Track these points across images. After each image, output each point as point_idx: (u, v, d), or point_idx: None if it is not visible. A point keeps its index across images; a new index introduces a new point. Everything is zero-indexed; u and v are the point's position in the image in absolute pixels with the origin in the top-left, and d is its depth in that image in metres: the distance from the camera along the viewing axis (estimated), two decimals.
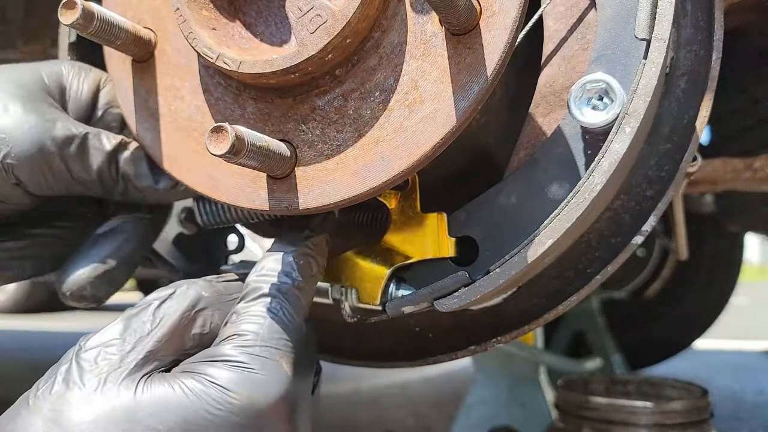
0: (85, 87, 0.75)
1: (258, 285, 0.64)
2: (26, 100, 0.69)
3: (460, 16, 0.56)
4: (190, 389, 0.55)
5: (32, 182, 0.68)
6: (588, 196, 0.61)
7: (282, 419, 0.58)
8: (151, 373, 0.57)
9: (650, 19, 0.62)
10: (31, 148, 0.66)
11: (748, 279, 8.73)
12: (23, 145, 0.66)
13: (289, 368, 0.60)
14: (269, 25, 0.64)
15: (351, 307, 0.76)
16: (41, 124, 0.68)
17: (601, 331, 2.57)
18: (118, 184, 0.73)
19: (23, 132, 0.66)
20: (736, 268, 2.89)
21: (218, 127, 0.55)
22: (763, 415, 2.62)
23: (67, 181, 0.70)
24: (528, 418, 1.82)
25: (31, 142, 0.66)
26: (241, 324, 0.61)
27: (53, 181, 0.69)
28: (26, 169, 0.67)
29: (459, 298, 0.66)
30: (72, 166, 0.69)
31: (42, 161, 0.67)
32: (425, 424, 2.44)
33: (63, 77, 0.75)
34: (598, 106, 0.62)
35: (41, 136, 0.67)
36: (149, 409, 0.53)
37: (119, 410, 0.53)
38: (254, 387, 0.56)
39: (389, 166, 0.61)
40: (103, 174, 0.71)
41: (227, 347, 0.59)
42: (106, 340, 0.58)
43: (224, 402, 0.55)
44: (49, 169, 0.68)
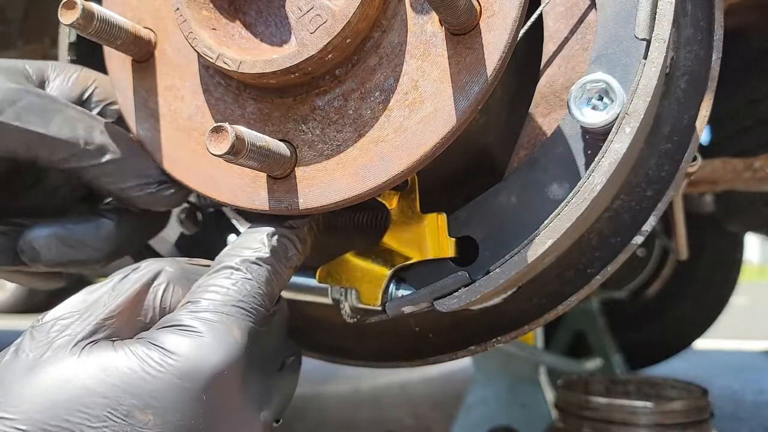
0: (70, 82, 0.73)
1: (223, 258, 0.64)
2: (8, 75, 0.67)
3: (460, 16, 0.56)
4: (133, 352, 0.54)
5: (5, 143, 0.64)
6: (588, 196, 0.61)
7: (228, 386, 0.57)
8: (99, 340, 0.56)
9: (650, 19, 0.62)
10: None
11: (748, 279, 8.73)
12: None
13: (240, 336, 0.58)
14: (269, 25, 0.64)
15: (351, 307, 0.76)
16: (11, 80, 0.66)
17: (601, 331, 2.57)
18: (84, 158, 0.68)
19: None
20: (736, 268, 2.89)
21: (218, 127, 0.55)
22: (763, 415, 2.62)
23: (18, 140, 0.65)
24: (528, 418, 1.82)
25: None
26: (199, 293, 0.60)
27: (17, 135, 0.65)
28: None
29: (459, 298, 0.66)
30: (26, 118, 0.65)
31: (7, 108, 0.64)
32: (425, 424, 2.44)
33: (46, 71, 0.72)
34: (598, 106, 0.62)
35: (7, 87, 0.64)
36: (89, 372, 0.53)
37: (60, 374, 0.52)
38: (198, 350, 0.55)
39: (389, 166, 0.61)
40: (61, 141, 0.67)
41: (179, 314, 0.58)
42: (61, 313, 0.57)
43: (165, 364, 0.54)
44: (16, 117, 0.64)
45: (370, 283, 0.71)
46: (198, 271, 0.65)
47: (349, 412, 2.63)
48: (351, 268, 0.73)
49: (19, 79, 0.68)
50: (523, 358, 1.89)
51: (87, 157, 0.69)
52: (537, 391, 1.87)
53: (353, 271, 0.73)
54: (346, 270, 0.73)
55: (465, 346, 0.82)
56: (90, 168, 0.69)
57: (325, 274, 0.74)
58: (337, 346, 0.94)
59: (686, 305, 2.87)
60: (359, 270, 0.72)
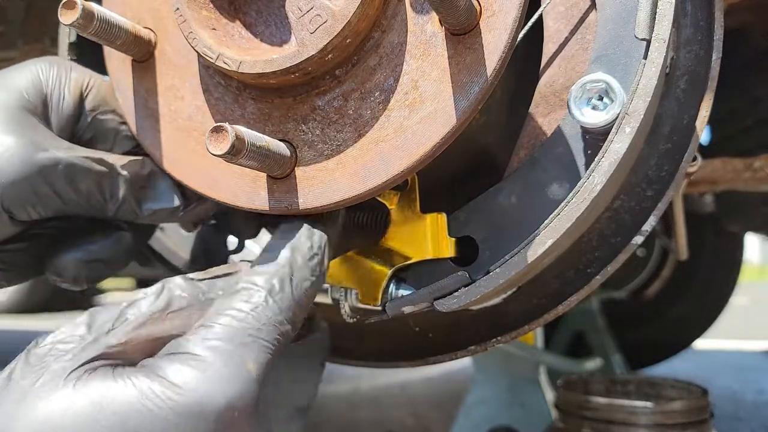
0: (67, 94, 0.71)
1: (243, 275, 0.59)
2: (5, 123, 0.64)
3: (460, 16, 0.56)
4: (133, 383, 0.50)
5: (19, 210, 0.64)
6: (588, 196, 0.61)
7: (238, 426, 0.51)
8: (99, 367, 0.51)
9: (650, 19, 0.62)
10: (15, 176, 0.62)
11: (748, 279, 8.73)
12: (6, 174, 0.62)
13: (255, 369, 0.53)
14: (269, 25, 0.64)
15: (351, 307, 0.76)
16: (24, 149, 0.63)
17: (601, 331, 2.57)
18: (111, 205, 0.69)
19: (5, 160, 0.62)
20: (736, 268, 2.88)
21: (218, 127, 0.55)
22: (763, 415, 2.62)
23: (56, 205, 0.66)
24: (528, 418, 1.82)
25: (13, 169, 0.62)
26: (214, 317, 0.55)
27: (41, 207, 0.65)
28: (11, 197, 0.62)
29: (459, 298, 0.66)
30: (60, 190, 0.65)
31: (26, 189, 0.63)
32: (425, 424, 2.44)
33: (43, 86, 0.70)
34: (598, 106, 0.62)
35: (24, 161, 0.62)
36: (85, 403, 0.48)
37: (53, 405, 0.48)
38: (205, 384, 0.50)
39: (389, 166, 0.61)
40: (92, 196, 0.67)
41: (189, 340, 0.53)
42: (62, 338, 0.53)
43: (168, 398, 0.49)
44: (36, 195, 0.64)
45: (370, 283, 0.72)
46: (214, 287, 0.61)
47: (349, 412, 2.62)
48: (351, 268, 0.73)
49: (32, 130, 0.66)
50: (523, 358, 1.89)
51: (113, 210, 0.69)
52: (537, 391, 1.86)
53: (353, 270, 0.73)
54: (346, 270, 0.73)
55: (465, 346, 0.82)
56: (116, 216, 0.70)
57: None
58: (337, 346, 0.94)
59: (686, 305, 2.87)
60: (359, 270, 0.72)
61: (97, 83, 0.74)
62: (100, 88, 0.74)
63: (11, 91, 0.67)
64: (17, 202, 0.63)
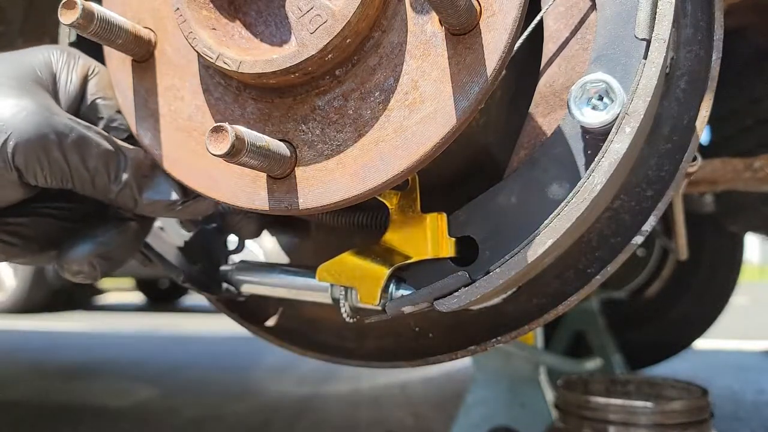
0: (74, 77, 0.74)
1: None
2: (21, 89, 0.68)
3: (460, 16, 0.56)
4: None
5: (29, 170, 0.66)
6: (588, 196, 0.61)
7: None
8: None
9: (650, 19, 0.62)
10: (30, 134, 0.65)
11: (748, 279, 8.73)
12: (23, 132, 0.65)
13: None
14: (269, 25, 0.64)
15: (351, 307, 0.76)
16: (40, 110, 0.66)
17: (601, 331, 2.57)
18: (114, 186, 0.71)
19: (22, 118, 0.65)
20: (736, 268, 2.88)
21: (218, 127, 0.55)
22: (763, 415, 2.62)
23: (63, 173, 0.68)
24: (528, 418, 1.81)
25: (29, 128, 0.65)
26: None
27: (49, 171, 0.67)
28: (24, 155, 0.65)
29: (459, 298, 0.66)
30: (70, 157, 0.68)
31: (41, 148, 0.66)
32: (425, 424, 2.44)
33: (53, 66, 0.74)
34: (598, 106, 0.62)
35: (40, 122, 0.66)
36: None
37: None
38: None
39: (389, 166, 0.61)
40: (99, 173, 0.70)
41: None
42: None
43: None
44: (47, 158, 0.66)
45: (370, 283, 0.71)
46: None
47: (349, 412, 2.63)
48: (350, 268, 0.73)
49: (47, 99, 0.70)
50: (523, 358, 1.89)
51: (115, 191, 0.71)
52: (537, 391, 1.86)
53: (353, 270, 0.73)
54: (346, 269, 0.73)
55: (465, 346, 0.82)
56: (117, 199, 0.72)
57: (325, 274, 0.74)
58: (337, 346, 0.94)
59: (686, 305, 2.87)
60: (359, 269, 0.72)
61: (101, 70, 0.77)
62: (104, 75, 0.77)
63: (25, 66, 0.71)
64: (29, 161, 0.66)
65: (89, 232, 0.74)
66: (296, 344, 0.95)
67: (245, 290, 0.86)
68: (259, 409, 2.58)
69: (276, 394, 2.90)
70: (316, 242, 0.95)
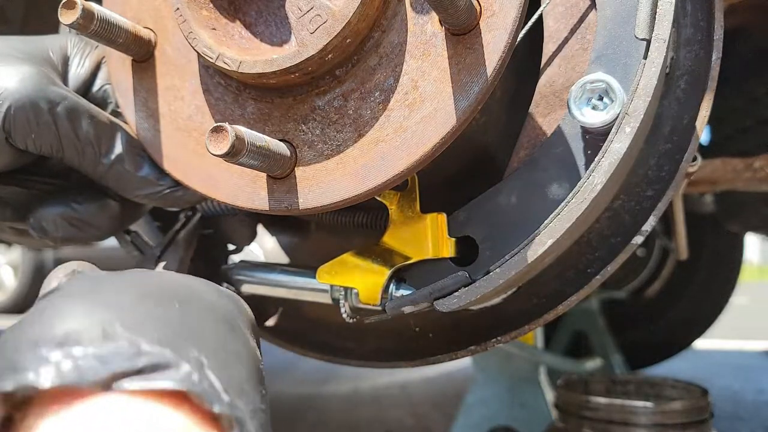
0: (87, 62, 0.76)
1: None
2: (25, 60, 0.69)
3: (460, 17, 0.56)
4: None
5: (18, 132, 0.66)
6: (588, 196, 0.61)
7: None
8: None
9: (650, 19, 0.62)
10: (22, 97, 0.66)
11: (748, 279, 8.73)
12: (16, 94, 0.66)
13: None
14: (269, 25, 0.64)
15: (351, 307, 0.76)
16: (36, 77, 0.67)
17: (601, 331, 2.57)
18: (104, 159, 0.71)
19: (17, 81, 0.66)
20: (736, 268, 2.88)
21: (218, 127, 0.55)
22: (763, 415, 2.62)
23: (52, 140, 0.68)
24: (528, 418, 1.82)
25: (21, 90, 0.66)
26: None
27: (38, 135, 0.67)
28: (15, 119, 0.66)
29: (459, 298, 0.66)
30: (60, 123, 0.68)
31: (31, 110, 0.66)
32: (425, 424, 2.44)
33: (68, 49, 0.76)
34: (598, 106, 0.62)
35: (34, 87, 0.67)
36: None
37: None
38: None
39: (389, 166, 0.61)
40: (89, 145, 0.70)
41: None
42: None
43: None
44: (37, 123, 0.67)
45: (370, 283, 0.72)
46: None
47: (349, 412, 2.63)
48: (350, 268, 0.73)
49: (50, 73, 0.71)
50: (523, 358, 1.89)
51: (105, 165, 0.71)
52: (537, 391, 1.86)
53: (353, 270, 0.73)
54: (346, 270, 0.73)
55: (465, 346, 0.82)
56: (107, 175, 0.72)
57: (325, 274, 0.74)
58: (337, 346, 0.94)
59: (686, 305, 2.87)
60: (359, 269, 0.72)
61: None
62: None
63: (38, 47, 0.73)
64: (19, 124, 0.66)
65: (65, 197, 0.74)
66: (296, 344, 0.95)
67: (245, 290, 0.86)
68: None
69: (276, 394, 2.90)
70: (316, 242, 0.95)
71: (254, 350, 0.49)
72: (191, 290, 0.48)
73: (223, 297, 0.51)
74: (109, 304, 0.40)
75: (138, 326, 0.39)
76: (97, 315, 0.38)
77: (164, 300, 0.43)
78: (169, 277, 0.50)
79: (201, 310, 0.45)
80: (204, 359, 0.40)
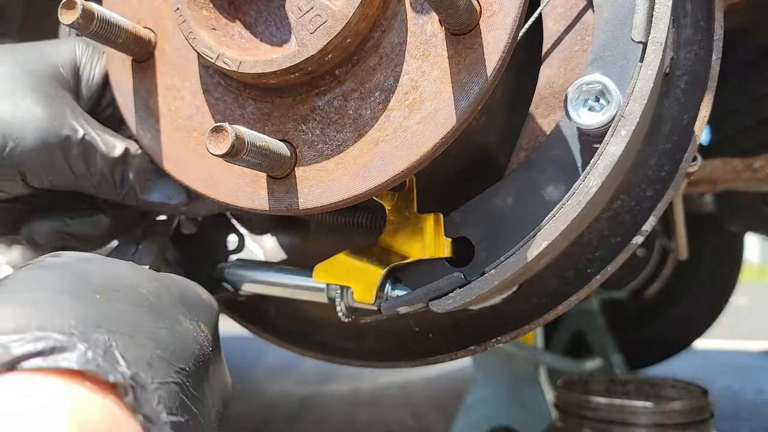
0: (96, 71, 0.77)
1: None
2: (37, 90, 0.69)
3: (460, 17, 0.56)
4: None
5: (34, 177, 0.69)
6: (583, 199, 0.61)
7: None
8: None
9: (647, 22, 0.62)
10: (35, 145, 0.67)
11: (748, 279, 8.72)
12: (28, 141, 0.66)
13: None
14: (269, 25, 0.64)
15: (347, 306, 0.75)
16: (47, 120, 0.68)
17: (601, 331, 2.57)
18: (119, 190, 0.73)
19: (30, 128, 0.67)
20: (736, 268, 2.88)
21: (218, 127, 0.55)
22: (763, 415, 2.62)
23: (69, 179, 0.71)
24: (528, 418, 1.82)
25: (36, 138, 0.67)
26: None
27: (54, 178, 0.70)
28: (29, 164, 0.67)
29: (454, 299, 0.66)
30: (74, 165, 0.70)
31: (45, 157, 0.67)
32: (425, 424, 2.44)
33: (77, 61, 0.76)
34: (594, 108, 0.63)
35: (47, 132, 0.67)
36: None
37: None
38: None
39: (389, 167, 0.61)
40: (104, 179, 0.72)
41: None
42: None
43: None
44: (51, 166, 0.68)
45: (365, 282, 0.71)
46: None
47: (349, 412, 2.63)
48: (346, 267, 0.73)
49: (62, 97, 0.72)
50: (523, 358, 1.89)
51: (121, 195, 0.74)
52: (537, 391, 1.86)
53: (349, 269, 0.73)
54: (342, 268, 0.73)
55: (465, 346, 0.82)
56: (123, 200, 0.75)
57: (322, 273, 0.74)
58: (337, 346, 0.94)
59: (686, 305, 2.87)
60: (354, 268, 0.72)
61: None
62: None
63: (48, 63, 0.73)
64: (33, 168, 0.68)
65: (58, 211, 0.76)
66: (296, 344, 0.95)
67: (243, 289, 0.86)
68: (259, 409, 2.57)
69: (276, 394, 2.90)
70: (316, 242, 0.95)
71: (184, 332, 0.54)
72: (119, 280, 0.54)
73: (154, 285, 0.57)
74: (27, 300, 0.47)
75: (49, 318, 0.45)
76: (13, 311, 0.45)
77: (85, 292, 0.50)
78: (104, 267, 0.55)
79: (122, 298, 0.52)
80: (112, 341, 0.46)
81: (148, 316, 0.52)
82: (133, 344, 0.47)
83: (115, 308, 0.50)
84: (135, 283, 0.55)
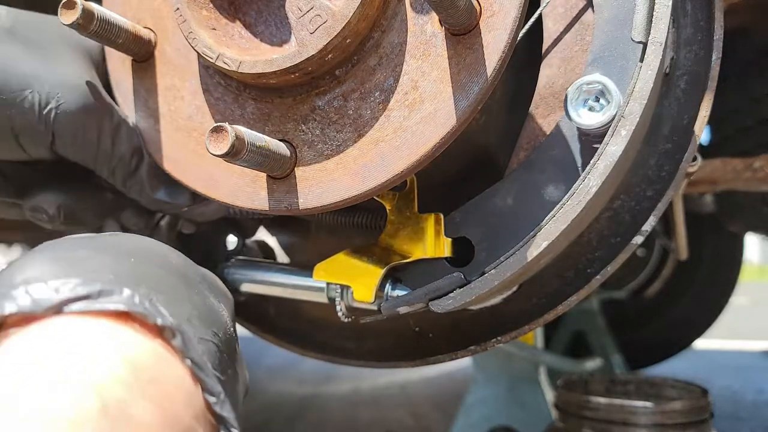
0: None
1: None
2: (83, 60, 0.71)
3: (460, 17, 0.56)
4: None
5: (62, 142, 0.68)
6: (583, 199, 0.61)
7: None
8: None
9: (647, 22, 0.62)
10: (77, 108, 0.67)
11: (748, 279, 8.72)
12: (70, 103, 0.67)
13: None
14: (269, 25, 0.64)
15: (347, 306, 0.75)
16: (93, 88, 0.69)
17: (601, 331, 2.57)
18: (130, 179, 0.74)
19: (74, 91, 0.67)
20: (736, 268, 2.88)
21: (218, 127, 0.55)
22: (763, 415, 2.62)
23: (90, 153, 0.70)
24: (528, 418, 1.82)
25: (78, 102, 0.67)
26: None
27: (80, 143, 0.69)
28: (64, 127, 0.67)
29: (454, 299, 0.66)
30: (103, 140, 0.70)
31: (80, 124, 0.68)
32: (425, 424, 2.44)
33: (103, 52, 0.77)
34: (594, 108, 0.63)
35: (89, 99, 0.68)
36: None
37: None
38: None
39: (389, 167, 0.61)
40: (122, 162, 0.72)
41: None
42: None
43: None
44: (83, 135, 0.69)
45: (365, 281, 0.71)
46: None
47: (349, 412, 2.63)
48: (346, 267, 0.73)
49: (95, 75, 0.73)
50: (523, 358, 1.89)
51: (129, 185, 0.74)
52: (537, 391, 1.86)
53: (348, 269, 0.73)
54: (342, 268, 0.73)
55: (465, 346, 0.82)
56: (128, 190, 0.75)
57: (322, 272, 0.74)
58: (337, 346, 0.94)
59: (686, 305, 2.87)
60: (354, 268, 0.72)
61: None
62: None
63: (86, 44, 0.74)
64: (65, 132, 0.68)
65: (67, 184, 0.76)
66: (296, 344, 0.95)
67: (243, 289, 0.86)
68: (259, 409, 2.58)
69: (276, 394, 2.90)
70: (316, 242, 0.95)
71: (212, 304, 0.54)
72: (150, 249, 0.54)
73: (182, 259, 0.57)
74: (67, 256, 0.47)
75: (91, 270, 0.46)
76: (56, 262, 0.46)
77: (121, 254, 0.50)
78: (130, 237, 0.55)
79: (156, 264, 0.52)
80: (153, 295, 0.46)
81: (180, 282, 0.52)
82: (170, 302, 0.47)
83: (151, 270, 0.50)
84: (165, 253, 0.55)
